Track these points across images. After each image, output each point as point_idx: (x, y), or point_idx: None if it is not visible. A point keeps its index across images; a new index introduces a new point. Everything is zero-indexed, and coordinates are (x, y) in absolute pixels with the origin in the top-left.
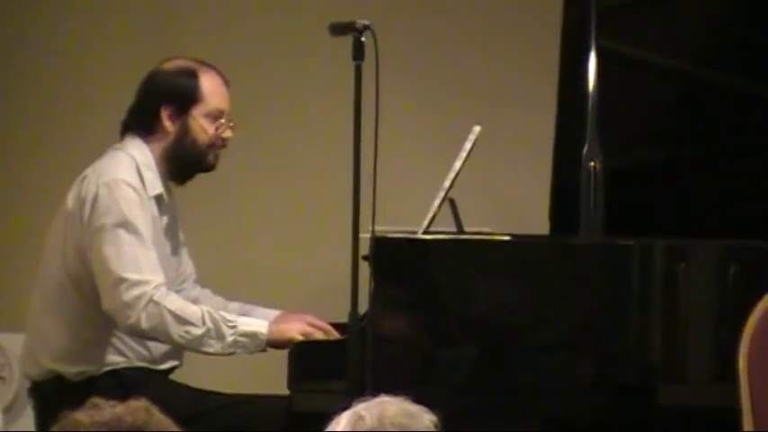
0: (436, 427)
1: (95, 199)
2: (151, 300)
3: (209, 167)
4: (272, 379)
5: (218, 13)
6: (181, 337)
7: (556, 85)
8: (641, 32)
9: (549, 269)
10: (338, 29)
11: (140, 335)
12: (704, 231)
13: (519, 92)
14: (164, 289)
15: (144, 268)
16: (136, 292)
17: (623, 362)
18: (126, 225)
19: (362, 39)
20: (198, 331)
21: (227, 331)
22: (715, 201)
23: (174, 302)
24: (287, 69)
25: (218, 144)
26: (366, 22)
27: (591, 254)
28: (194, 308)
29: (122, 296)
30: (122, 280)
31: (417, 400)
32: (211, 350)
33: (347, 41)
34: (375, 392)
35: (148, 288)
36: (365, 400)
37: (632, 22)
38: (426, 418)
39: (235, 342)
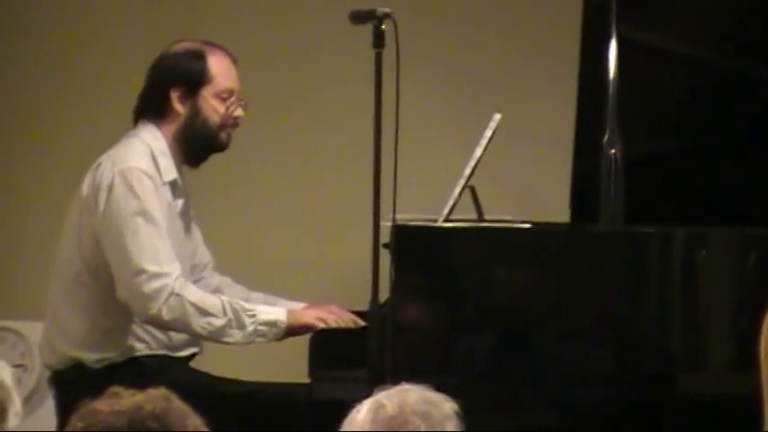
0: (457, 414)
1: (111, 187)
2: (172, 292)
3: (221, 147)
4: (291, 367)
5: (237, 1)
6: (202, 328)
7: (576, 72)
8: (662, 20)
9: (570, 257)
10: (359, 17)
11: (161, 326)
12: (724, 219)
13: (539, 80)
14: (182, 280)
15: (162, 259)
16: (156, 284)
17: (643, 350)
18: (144, 214)
19: (383, 27)
20: (219, 322)
21: (247, 321)
22: (735, 189)
23: (195, 294)
24: (307, 57)
25: (230, 123)
26: (386, 10)
27: (611, 242)
28: (214, 298)
29: (142, 287)
30: (142, 271)
31: (437, 388)
32: (232, 340)
33: (368, 29)
34: (395, 381)
35: (169, 281)
36: (386, 389)
37: (653, 9)
38: (447, 405)
39: (255, 331)
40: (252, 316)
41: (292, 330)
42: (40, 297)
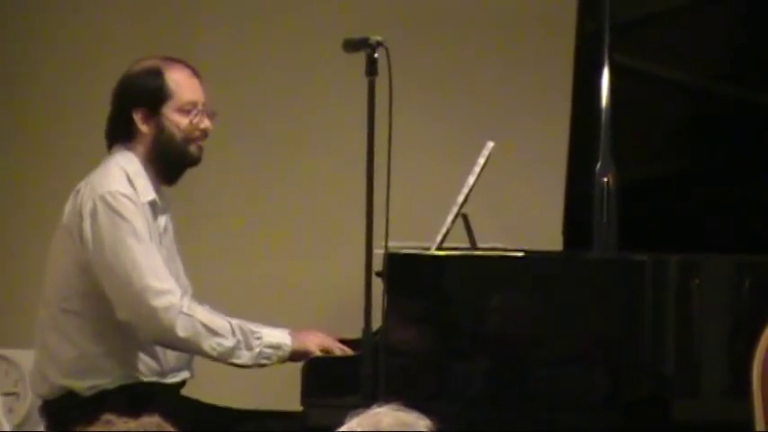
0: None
1: (94, 214)
2: (181, 311)
3: (193, 161)
4: (284, 394)
5: (232, 29)
6: (212, 349)
7: (569, 99)
8: (655, 47)
9: (563, 284)
10: (352, 45)
11: (170, 344)
12: (718, 246)
13: (532, 107)
14: (188, 299)
15: (162, 277)
16: (163, 302)
17: (637, 376)
18: (133, 234)
19: (376, 55)
20: (229, 343)
21: (254, 342)
22: (729, 215)
23: (204, 314)
24: (301, 85)
25: (197, 136)
26: (379, 39)
27: (604, 269)
28: (222, 319)
29: (150, 304)
30: (147, 288)
31: (430, 414)
32: (240, 362)
33: (360, 57)
34: None
35: (175, 299)
36: (359, 413)
37: (646, 36)
38: (422, 423)
39: (261, 353)
40: (258, 338)
41: (295, 356)
42: (33, 325)
